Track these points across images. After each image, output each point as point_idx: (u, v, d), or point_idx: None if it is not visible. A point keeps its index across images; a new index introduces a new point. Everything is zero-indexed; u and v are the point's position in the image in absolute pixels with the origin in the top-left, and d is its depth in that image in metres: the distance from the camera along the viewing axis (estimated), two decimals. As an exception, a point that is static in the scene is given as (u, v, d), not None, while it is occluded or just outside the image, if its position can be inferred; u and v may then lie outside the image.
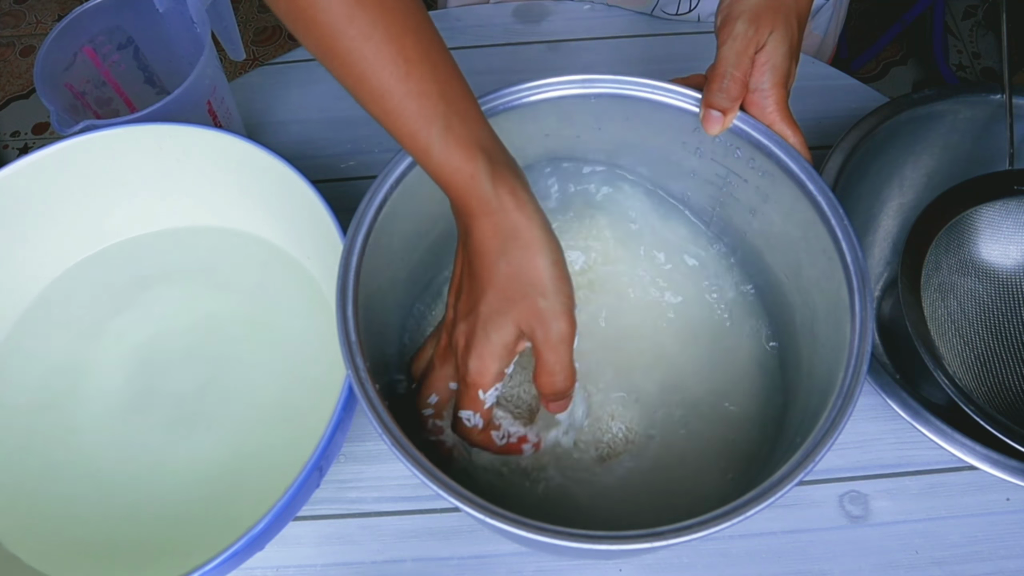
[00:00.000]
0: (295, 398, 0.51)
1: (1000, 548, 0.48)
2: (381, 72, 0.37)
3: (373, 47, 0.37)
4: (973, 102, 0.56)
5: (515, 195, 0.39)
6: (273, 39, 1.69)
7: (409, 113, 0.38)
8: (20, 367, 0.54)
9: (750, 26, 0.43)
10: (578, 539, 0.34)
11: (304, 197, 0.49)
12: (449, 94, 0.39)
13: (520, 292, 0.39)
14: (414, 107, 0.38)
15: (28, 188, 0.53)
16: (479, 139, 0.39)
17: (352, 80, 0.38)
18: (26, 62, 1.68)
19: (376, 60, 0.37)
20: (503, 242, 0.39)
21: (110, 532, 0.48)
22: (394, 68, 0.37)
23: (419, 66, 0.38)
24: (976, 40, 1.59)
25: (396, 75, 0.37)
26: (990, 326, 0.53)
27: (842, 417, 0.37)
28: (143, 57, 0.63)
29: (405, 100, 0.38)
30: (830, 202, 0.42)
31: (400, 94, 0.38)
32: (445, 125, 0.38)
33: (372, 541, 0.50)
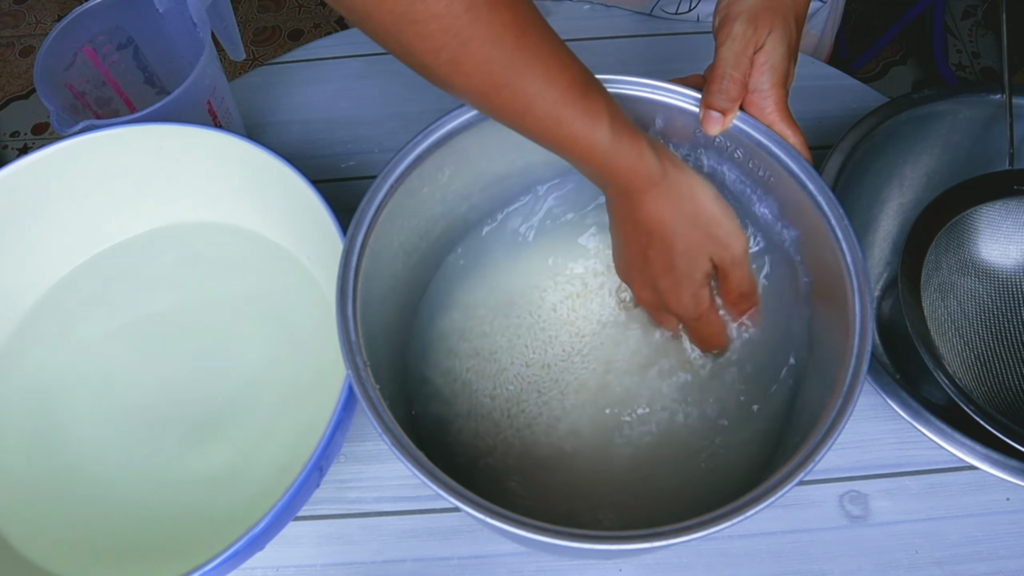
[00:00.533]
0: (295, 398, 0.51)
1: (1000, 548, 0.48)
2: (544, 102, 0.39)
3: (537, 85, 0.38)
4: (973, 102, 0.56)
5: (669, 158, 0.43)
6: (273, 39, 1.69)
7: (581, 132, 0.40)
8: (21, 367, 0.54)
9: (748, 26, 0.43)
10: (578, 539, 0.34)
11: (304, 197, 0.49)
12: (592, 90, 0.40)
13: (702, 232, 0.44)
14: (584, 127, 0.40)
15: (28, 188, 0.53)
16: (627, 121, 0.42)
17: (515, 117, 0.40)
18: (26, 62, 1.68)
19: (539, 94, 0.39)
20: (675, 201, 0.43)
21: (111, 532, 0.48)
22: (556, 96, 0.39)
23: (572, 87, 0.39)
24: (976, 40, 1.59)
25: (559, 102, 0.39)
26: (990, 326, 0.53)
27: (842, 417, 0.37)
28: (143, 57, 0.63)
29: (575, 123, 0.40)
30: (830, 202, 0.42)
31: (568, 118, 0.40)
32: (609, 124, 0.40)
33: (372, 541, 0.50)
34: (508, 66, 0.38)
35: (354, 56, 0.71)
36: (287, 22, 1.72)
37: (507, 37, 0.37)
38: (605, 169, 0.42)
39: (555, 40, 0.40)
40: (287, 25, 1.71)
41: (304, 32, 1.70)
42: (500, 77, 0.38)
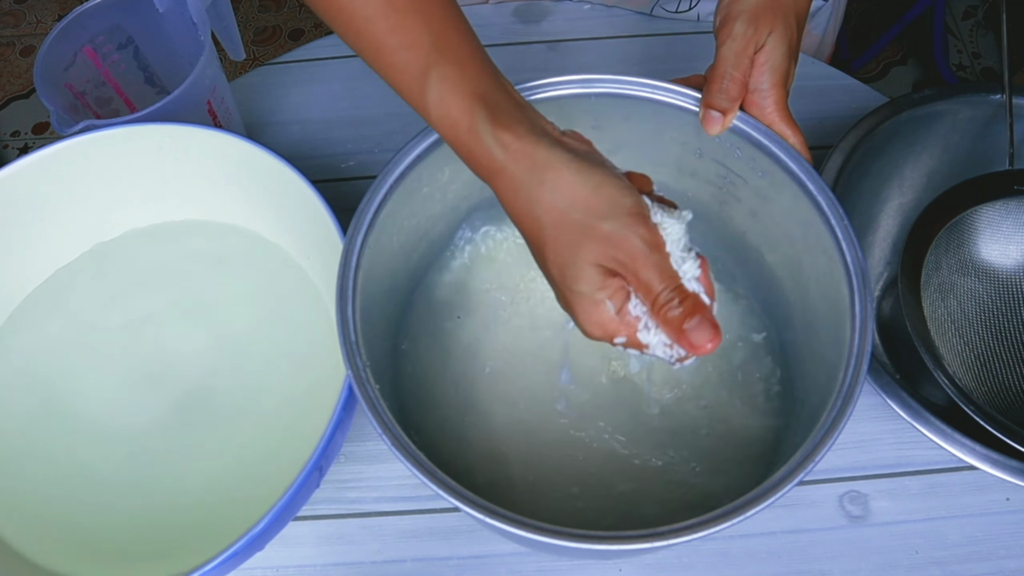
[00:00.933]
0: (295, 398, 0.51)
1: (1000, 548, 0.48)
2: (374, 26, 0.37)
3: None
4: (973, 102, 0.56)
5: (520, 138, 0.35)
6: (273, 39, 1.69)
7: (402, 65, 0.37)
8: (20, 367, 0.54)
9: (749, 26, 0.43)
10: (578, 539, 0.34)
11: (304, 197, 0.49)
12: (443, 43, 0.37)
13: (576, 230, 0.35)
14: (405, 59, 0.37)
15: (28, 188, 0.53)
16: (476, 88, 0.36)
17: (352, 37, 0.38)
18: (26, 62, 1.68)
19: (368, 12, 0.37)
20: (528, 192, 0.35)
21: (111, 531, 0.48)
22: (384, 21, 0.37)
23: (409, 16, 0.37)
24: (976, 40, 1.59)
25: (387, 27, 0.37)
26: (990, 326, 0.53)
27: (842, 417, 0.37)
28: (143, 57, 0.63)
29: (397, 53, 0.37)
30: (830, 202, 0.42)
31: (392, 47, 0.37)
32: (439, 76, 0.36)
33: (372, 541, 0.50)
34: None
35: (354, 56, 0.70)
36: (287, 22, 1.72)
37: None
38: (436, 128, 0.38)
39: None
40: (287, 25, 1.71)
41: (304, 32, 1.70)
42: None
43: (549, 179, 0.35)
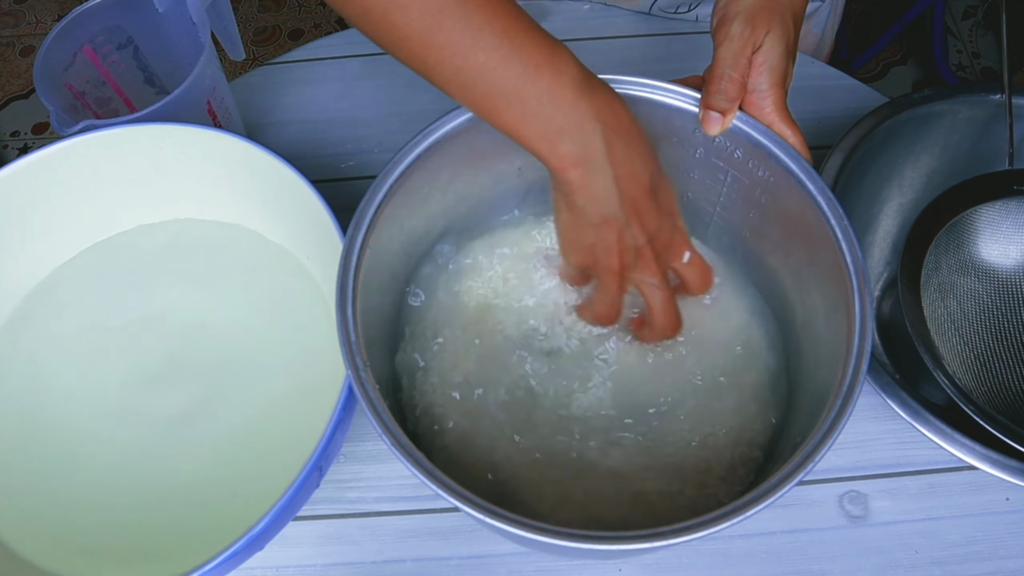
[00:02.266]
0: (295, 398, 0.51)
1: (1000, 548, 0.48)
2: (493, 32, 0.38)
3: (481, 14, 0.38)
4: (973, 102, 0.56)
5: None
6: (273, 39, 1.69)
7: (545, 62, 0.39)
8: (18, 366, 0.54)
9: (746, 27, 0.43)
10: (578, 539, 0.34)
11: (304, 197, 0.49)
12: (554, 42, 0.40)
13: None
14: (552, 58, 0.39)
15: (28, 188, 0.53)
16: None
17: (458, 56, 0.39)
18: (26, 62, 1.68)
19: (486, 23, 0.38)
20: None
21: (110, 531, 0.48)
22: (507, 23, 0.38)
23: (523, 21, 0.39)
24: (976, 40, 1.59)
25: (509, 31, 0.38)
26: (990, 326, 0.53)
27: (842, 417, 0.37)
28: (143, 57, 0.63)
29: (538, 54, 0.39)
30: (830, 202, 0.42)
31: (528, 50, 0.39)
32: (580, 73, 0.40)
33: (372, 541, 0.50)
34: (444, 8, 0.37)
35: (354, 56, 0.71)
36: (287, 22, 1.72)
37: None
38: (591, 112, 0.40)
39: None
40: (287, 25, 1.71)
41: (304, 32, 1.70)
42: (440, 6, 0.37)
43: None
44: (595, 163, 0.40)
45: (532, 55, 0.38)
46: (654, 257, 0.44)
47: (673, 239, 0.46)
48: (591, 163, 0.40)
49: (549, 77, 0.39)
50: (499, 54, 0.38)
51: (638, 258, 0.44)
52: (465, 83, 0.39)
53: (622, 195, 0.41)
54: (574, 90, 0.39)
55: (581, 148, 0.40)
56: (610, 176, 0.41)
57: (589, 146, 0.40)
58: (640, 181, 0.42)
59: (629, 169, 0.41)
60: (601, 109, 0.40)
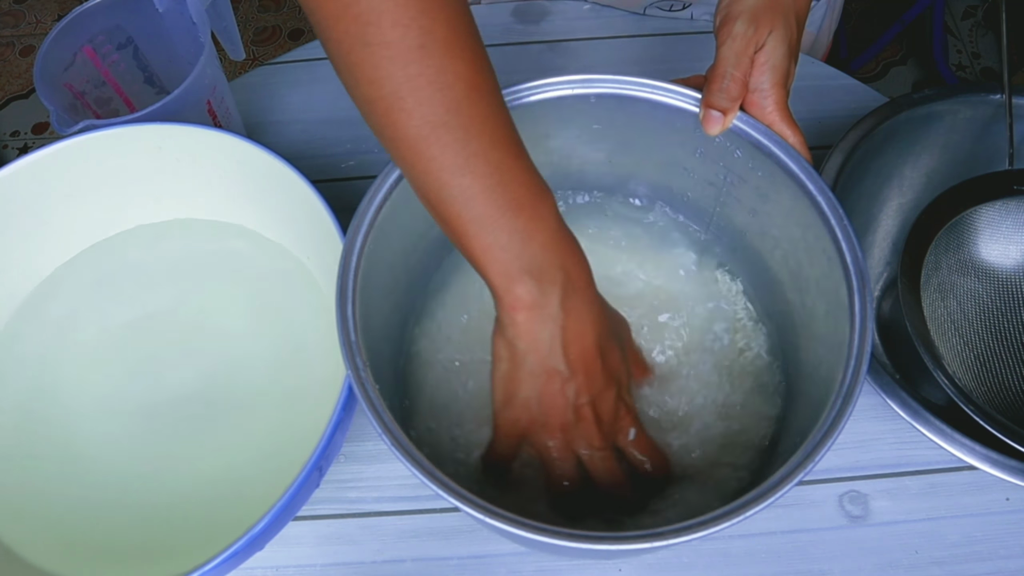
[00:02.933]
0: (295, 398, 0.51)
1: (1000, 548, 0.48)
2: (487, 162, 0.37)
3: (480, 142, 0.37)
4: (973, 102, 0.56)
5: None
6: (273, 39, 1.69)
7: (528, 206, 0.38)
8: (18, 366, 0.54)
9: (749, 26, 0.43)
10: (578, 539, 0.34)
11: (304, 197, 0.49)
12: (541, 183, 0.40)
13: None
14: (533, 204, 0.39)
15: (28, 188, 0.53)
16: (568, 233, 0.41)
17: (445, 177, 0.38)
18: (26, 62, 1.68)
19: (482, 152, 0.37)
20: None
21: (110, 531, 0.48)
22: (501, 156, 0.38)
23: (521, 158, 0.39)
24: (976, 40, 1.59)
25: (502, 165, 0.38)
26: (990, 326, 0.53)
27: (842, 417, 0.37)
28: (143, 57, 0.63)
29: (522, 197, 0.38)
30: (830, 202, 0.42)
31: (513, 188, 0.38)
32: (556, 222, 0.40)
33: (372, 541, 0.50)
34: (452, 111, 0.36)
35: (354, 56, 0.71)
36: (287, 22, 1.72)
37: (457, 84, 0.36)
38: (558, 259, 0.39)
39: (507, 114, 0.38)
40: (287, 25, 1.71)
41: (304, 32, 1.70)
42: (442, 121, 0.36)
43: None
44: (547, 310, 0.39)
45: (518, 193, 0.38)
46: (595, 420, 0.42)
47: (618, 410, 0.43)
48: (543, 310, 0.39)
49: (527, 217, 0.38)
50: (486, 183, 0.37)
51: (578, 420, 0.42)
52: (444, 199, 0.38)
53: (567, 347, 0.40)
54: (548, 236, 0.39)
55: (538, 293, 0.39)
56: (559, 326, 0.39)
57: (547, 293, 0.39)
58: (588, 339, 0.40)
59: (580, 325, 0.40)
60: (568, 261, 0.40)
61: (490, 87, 0.38)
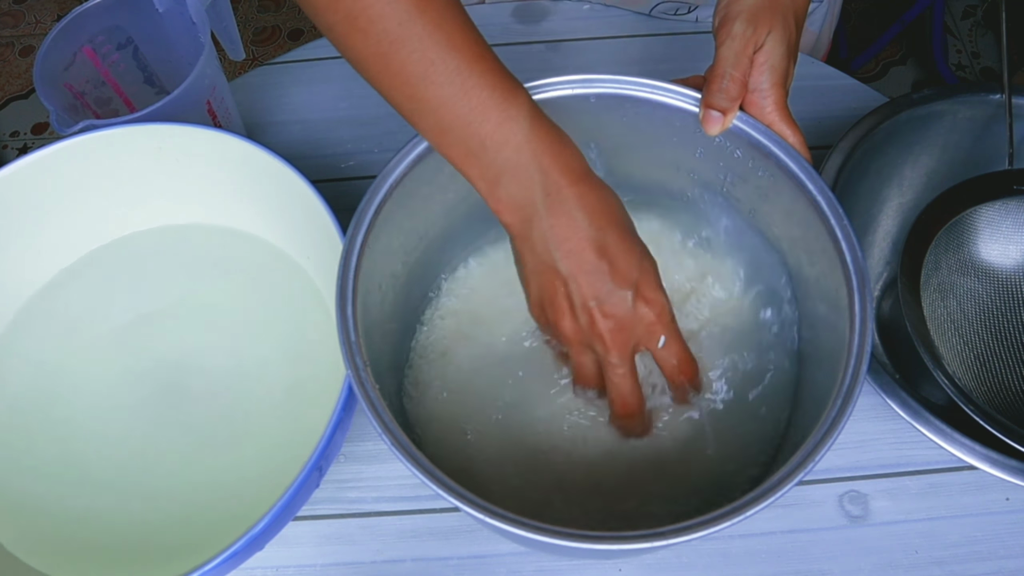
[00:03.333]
0: (295, 398, 0.51)
1: (1000, 548, 0.48)
2: (445, 67, 0.38)
3: (438, 49, 0.37)
4: (973, 102, 0.56)
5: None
6: (273, 39, 1.69)
7: (493, 104, 0.39)
8: (17, 367, 0.54)
9: (748, 26, 0.43)
10: (578, 539, 0.34)
11: (304, 197, 0.49)
12: (506, 73, 0.40)
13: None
14: (497, 100, 0.39)
15: (27, 188, 0.53)
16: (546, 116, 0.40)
17: (412, 88, 0.38)
18: (26, 62, 1.68)
19: (440, 59, 0.37)
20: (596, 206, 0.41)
21: (109, 532, 0.48)
22: (459, 62, 0.38)
23: (481, 59, 0.38)
24: (976, 40, 1.59)
25: (462, 69, 0.38)
26: (990, 326, 0.53)
27: (842, 417, 0.37)
28: (143, 57, 0.63)
29: (484, 94, 0.38)
30: (830, 202, 0.42)
31: (475, 88, 0.38)
32: (529, 111, 0.39)
33: (372, 541, 0.50)
34: (404, 23, 0.36)
35: (354, 56, 0.71)
36: (287, 22, 1.72)
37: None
38: (534, 159, 0.38)
39: (465, 18, 0.38)
40: (287, 25, 1.71)
41: (304, 32, 1.70)
42: (395, 36, 0.36)
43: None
44: (531, 209, 0.39)
45: (483, 96, 0.38)
46: (610, 329, 0.40)
47: (637, 311, 0.40)
48: (527, 209, 0.39)
49: (496, 120, 0.38)
50: (448, 91, 0.37)
51: (590, 325, 0.40)
52: (415, 112, 0.39)
53: (559, 245, 0.39)
54: (521, 137, 0.38)
55: (519, 193, 0.39)
56: (547, 224, 0.39)
57: (527, 192, 0.39)
58: (582, 235, 0.39)
59: (569, 220, 0.39)
60: (546, 159, 0.39)
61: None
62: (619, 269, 0.40)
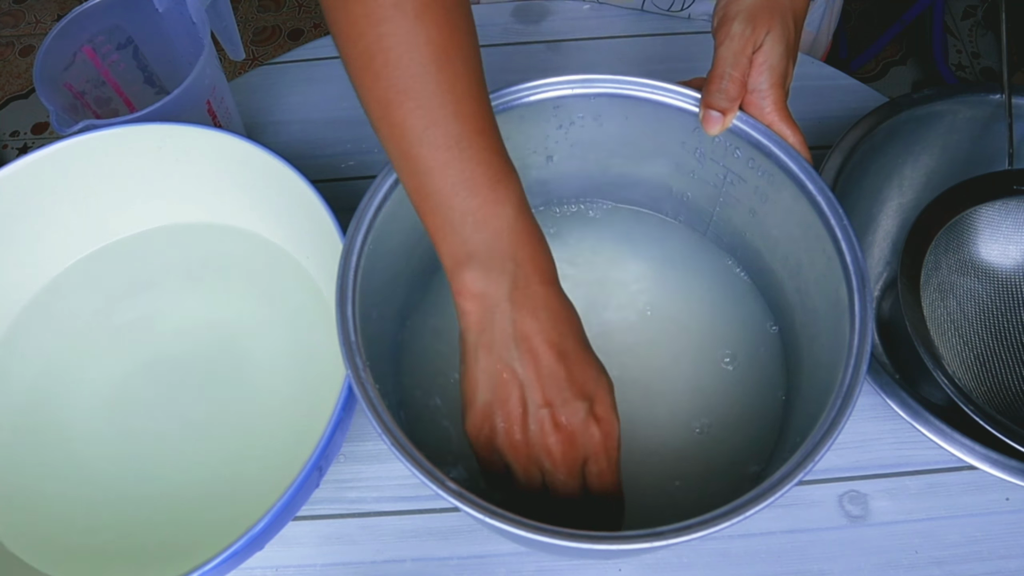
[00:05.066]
0: (295, 398, 0.51)
1: (999, 548, 0.48)
2: (446, 130, 0.36)
3: (444, 110, 0.36)
4: (973, 102, 0.56)
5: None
6: (273, 39, 1.69)
7: (482, 182, 0.37)
8: (18, 367, 0.54)
9: (747, 26, 0.43)
10: (577, 539, 0.34)
11: (304, 197, 0.49)
12: (504, 157, 0.38)
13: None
14: (487, 177, 0.37)
15: (27, 188, 0.53)
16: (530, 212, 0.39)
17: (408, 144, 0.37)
18: (26, 62, 1.68)
19: (444, 120, 0.36)
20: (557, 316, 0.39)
21: (110, 532, 0.48)
22: (461, 128, 0.36)
23: (483, 133, 0.37)
24: (975, 40, 1.59)
25: (462, 136, 0.37)
26: (990, 326, 0.53)
27: (842, 417, 0.37)
28: (143, 57, 0.63)
29: (477, 169, 0.37)
30: (829, 202, 0.42)
31: (470, 159, 0.37)
32: (518, 201, 0.38)
33: (372, 541, 0.50)
34: (417, 77, 0.35)
35: (354, 56, 0.71)
36: (287, 22, 1.72)
37: (425, 48, 0.35)
38: (511, 248, 0.37)
39: (480, 81, 0.37)
40: (287, 25, 1.71)
41: (304, 32, 1.70)
42: (405, 87, 0.35)
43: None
44: (494, 301, 0.37)
45: (477, 172, 0.36)
46: (560, 443, 0.37)
47: (588, 430, 0.37)
48: (491, 298, 0.37)
49: (483, 200, 0.36)
50: (443, 156, 0.36)
51: (540, 435, 0.37)
52: (405, 169, 0.38)
53: (519, 343, 0.36)
54: (503, 223, 0.37)
55: (485, 281, 0.36)
56: (508, 319, 0.36)
57: (494, 282, 0.36)
58: (545, 336, 0.37)
59: (533, 321, 0.37)
60: (523, 253, 0.37)
61: (465, 54, 0.37)
62: (576, 379, 0.37)
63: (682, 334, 0.52)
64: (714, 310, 0.53)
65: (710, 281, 0.54)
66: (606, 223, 0.56)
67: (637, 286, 0.53)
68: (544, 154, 0.51)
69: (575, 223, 0.56)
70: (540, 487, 0.39)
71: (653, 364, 0.51)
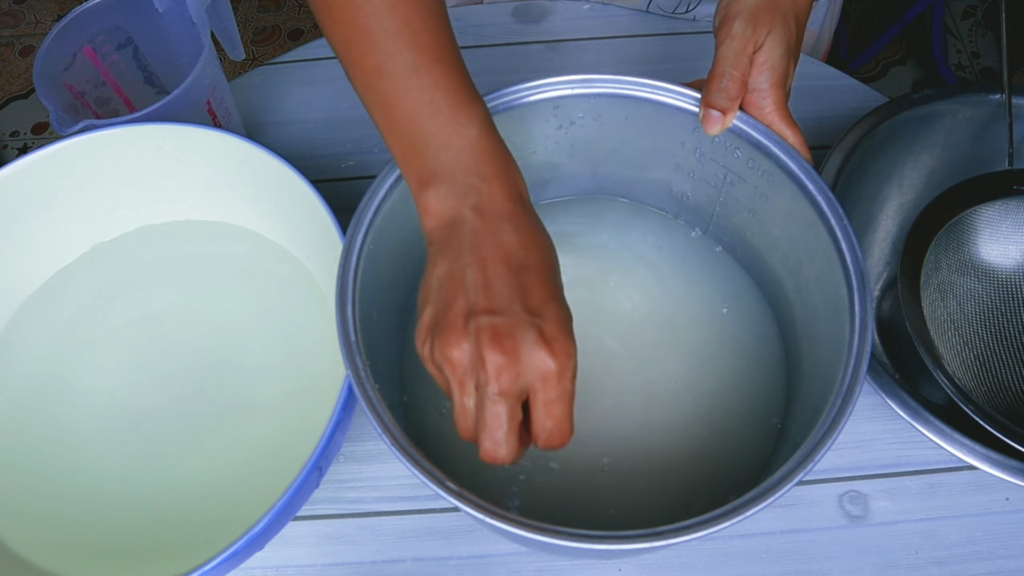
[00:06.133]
0: (295, 398, 0.51)
1: (999, 548, 0.48)
2: (404, 61, 0.38)
3: (400, 42, 0.38)
4: (973, 102, 0.56)
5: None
6: (273, 39, 1.69)
7: (445, 104, 0.38)
8: (18, 367, 0.54)
9: (748, 26, 0.43)
10: (577, 539, 0.34)
11: (304, 197, 0.49)
12: (467, 79, 0.39)
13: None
14: (449, 99, 0.38)
15: (27, 188, 0.53)
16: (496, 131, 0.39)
17: (369, 76, 0.39)
18: (26, 62, 1.68)
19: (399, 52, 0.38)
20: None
21: (110, 531, 0.48)
22: (417, 59, 0.38)
23: (442, 60, 0.38)
24: (975, 40, 1.59)
25: (420, 66, 0.38)
26: (990, 326, 0.53)
27: (842, 417, 0.37)
28: (143, 57, 0.63)
29: (437, 93, 0.38)
30: (829, 202, 0.43)
31: (429, 85, 0.38)
32: (482, 121, 0.38)
33: (372, 541, 0.50)
34: (371, 15, 0.37)
35: (354, 56, 0.71)
36: (287, 22, 1.72)
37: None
38: (475, 167, 0.36)
39: (440, 22, 0.39)
40: (287, 25, 1.71)
41: (304, 32, 1.70)
42: (361, 26, 0.37)
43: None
44: (458, 217, 0.36)
45: (436, 96, 0.37)
46: (497, 363, 0.32)
47: (535, 355, 0.33)
48: (453, 215, 0.36)
49: (443, 120, 0.37)
50: (402, 84, 0.37)
51: (476, 347, 0.33)
52: (370, 104, 0.39)
53: (475, 251, 0.35)
54: (466, 143, 0.37)
55: (449, 199, 0.36)
56: (471, 230, 0.35)
57: (459, 200, 0.36)
58: (504, 249, 0.35)
59: (495, 231, 0.35)
60: (487, 171, 0.37)
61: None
62: (531, 293, 0.34)
63: (681, 334, 0.52)
64: (714, 310, 0.53)
65: (710, 281, 0.54)
66: (606, 223, 0.56)
67: (637, 286, 0.53)
68: (544, 154, 0.51)
69: (575, 223, 0.56)
70: (475, 425, 0.35)
71: (652, 364, 0.51)
